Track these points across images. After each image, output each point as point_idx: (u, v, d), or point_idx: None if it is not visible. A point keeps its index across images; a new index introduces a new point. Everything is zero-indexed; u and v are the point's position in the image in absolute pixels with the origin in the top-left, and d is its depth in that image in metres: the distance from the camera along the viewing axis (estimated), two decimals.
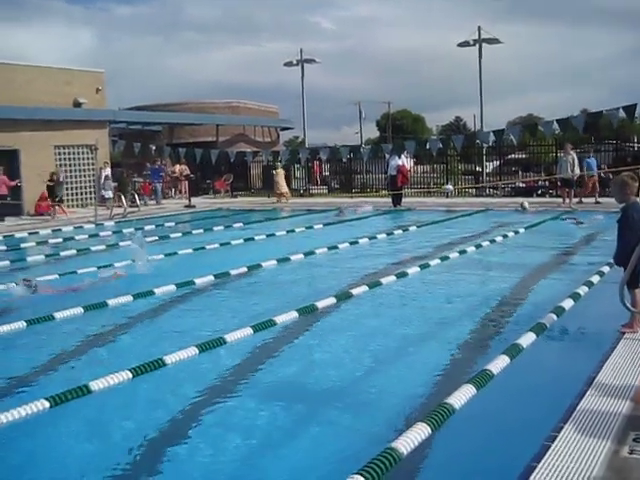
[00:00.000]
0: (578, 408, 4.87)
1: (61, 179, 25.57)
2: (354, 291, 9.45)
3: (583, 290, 8.61)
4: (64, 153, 28.67)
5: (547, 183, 29.11)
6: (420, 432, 4.17)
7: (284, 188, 29.46)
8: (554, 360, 6.90)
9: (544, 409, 5.17)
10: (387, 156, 27.86)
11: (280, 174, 29.48)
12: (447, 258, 12.21)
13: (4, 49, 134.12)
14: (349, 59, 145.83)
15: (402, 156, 26.34)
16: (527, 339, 6.28)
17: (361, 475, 3.60)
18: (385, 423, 5.31)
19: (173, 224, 20.98)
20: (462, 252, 12.89)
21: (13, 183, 25.14)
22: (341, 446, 5.04)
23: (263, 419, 5.52)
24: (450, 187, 29.14)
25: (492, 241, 14.24)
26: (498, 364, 5.51)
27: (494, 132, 27.65)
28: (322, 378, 6.46)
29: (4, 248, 16.79)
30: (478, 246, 13.55)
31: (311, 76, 49.44)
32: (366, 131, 74.42)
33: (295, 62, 41.28)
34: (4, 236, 19.12)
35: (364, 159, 32.84)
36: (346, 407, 5.74)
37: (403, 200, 25.02)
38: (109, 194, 27.51)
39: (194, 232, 18.32)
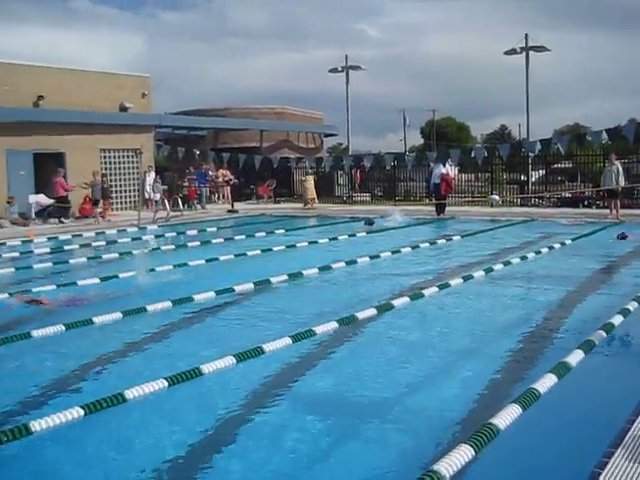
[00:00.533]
0: (630, 433, 4.67)
1: (96, 182, 25.75)
2: (395, 302, 9.29)
3: (633, 306, 8.34)
4: (110, 157, 28.97)
5: (594, 194, 28.59)
6: (463, 454, 4.01)
7: (313, 194, 30.15)
8: (603, 380, 6.66)
9: (593, 433, 4.97)
10: (431, 164, 27.58)
11: (310, 180, 30.31)
12: (491, 270, 11.97)
13: (56, 54, 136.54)
14: (394, 66, 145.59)
15: (446, 165, 26.11)
16: (575, 357, 6.06)
17: None
18: (426, 442, 5.15)
19: (215, 229, 20.99)
20: (506, 263, 12.64)
21: (71, 187, 25.49)
22: (380, 465, 4.89)
23: (300, 433, 5.39)
24: (496, 197, 28.64)
25: (537, 252, 13.96)
26: (545, 383, 5.31)
27: (541, 141, 27.24)
28: (361, 392, 6.31)
29: (48, 250, 16.94)
30: (523, 258, 13.29)
31: (356, 83, 49.46)
32: (410, 138, 74.29)
33: (340, 69, 41.22)
34: (48, 238, 19.31)
35: (408, 167, 32.59)
36: (385, 423, 5.60)
37: (446, 209, 24.80)
38: (157, 197, 27.73)
39: (236, 238, 18.29)
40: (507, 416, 4.60)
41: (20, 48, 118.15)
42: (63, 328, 8.21)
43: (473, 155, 29.41)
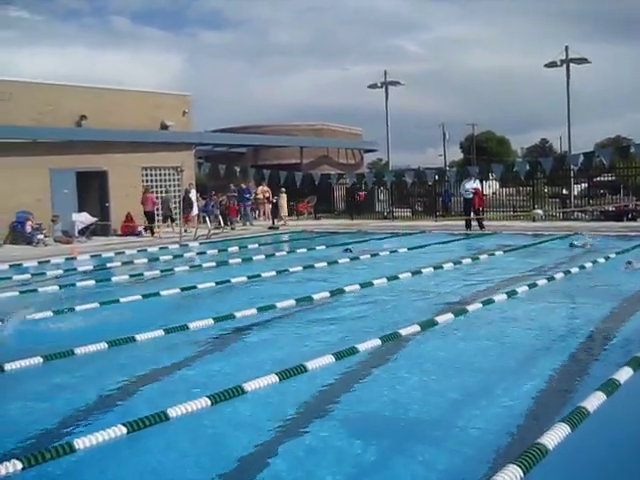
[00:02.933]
0: None
1: (168, 199, 26.45)
2: (439, 319, 9.19)
3: None
4: (151, 174, 29.24)
5: (638, 207, 28.15)
6: (511, 475, 3.91)
7: (285, 212, 31.66)
8: None
9: None
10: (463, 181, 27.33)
11: (283, 198, 31.51)
12: (535, 285, 11.80)
13: (98, 74, 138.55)
14: (433, 81, 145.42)
15: (477, 180, 25.95)
16: (624, 374, 5.91)
17: None
18: (472, 462, 5.05)
19: (256, 245, 21.03)
20: (550, 279, 12.46)
21: (157, 202, 26.53)
22: None
23: (343, 453, 5.31)
24: (540, 212, 28.28)
25: (581, 267, 13.73)
26: (593, 401, 5.18)
27: (584, 154, 26.93)
28: (404, 410, 6.21)
29: (91, 268, 17.11)
30: (567, 272, 13.09)
31: (395, 98, 49.37)
32: (450, 153, 74.01)
33: (379, 84, 41.28)
34: (91, 256, 19.51)
35: (451, 182, 32.39)
36: (430, 443, 5.50)
37: (485, 223, 24.66)
38: (194, 212, 28.02)
39: (277, 254, 18.29)
40: (555, 435, 4.48)
41: (64, 69, 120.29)
42: (105, 346, 8.28)
43: (516, 169, 29.18)
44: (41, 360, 7.72)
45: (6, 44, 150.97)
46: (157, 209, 27.73)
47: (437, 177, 32.66)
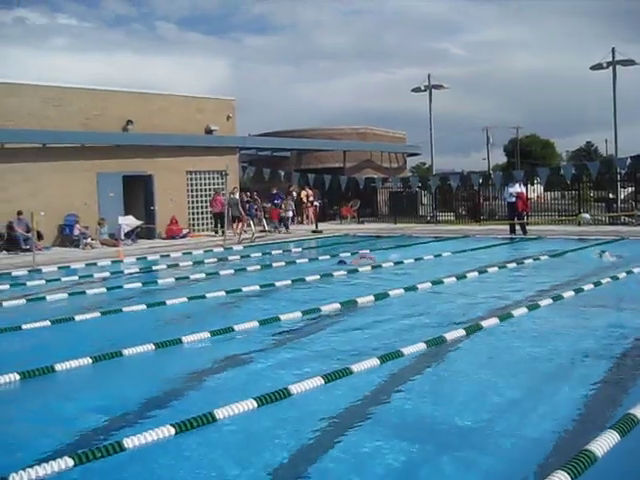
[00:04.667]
0: None
1: (235, 200, 26.95)
2: (484, 323, 9.15)
3: None
4: (196, 178, 29.48)
5: None
6: None
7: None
8: None
9: None
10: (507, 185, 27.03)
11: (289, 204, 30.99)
12: (581, 290, 11.68)
13: (145, 79, 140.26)
14: (477, 84, 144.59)
15: (520, 184, 25.70)
16: None
17: None
18: (520, 469, 5.01)
19: (300, 249, 21.10)
20: (597, 284, 12.31)
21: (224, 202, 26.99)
22: None
23: (387, 457, 5.30)
24: (587, 216, 27.80)
25: (629, 272, 13.54)
26: None
27: (632, 157, 26.55)
28: (449, 414, 6.19)
29: (137, 270, 17.34)
30: (614, 278, 12.92)
31: (439, 102, 49.15)
32: (493, 157, 73.38)
33: (423, 88, 41.16)
34: (137, 258, 19.75)
35: (496, 186, 32.14)
36: (476, 448, 5.46)
37: (528, 227, 24.44)
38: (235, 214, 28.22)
39: (320, 258, 18.33)
40: (604, 442, 4.45)
41: (112, 74, 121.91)
42: (153, 347, 8.40)
43: (562, 173, 28.87)
44: (90, 361, 7.87)
45: (56, 51, 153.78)
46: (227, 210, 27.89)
47: (482, 181, 32.40)
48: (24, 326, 10.04)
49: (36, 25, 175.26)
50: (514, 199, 24.32)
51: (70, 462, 4.92)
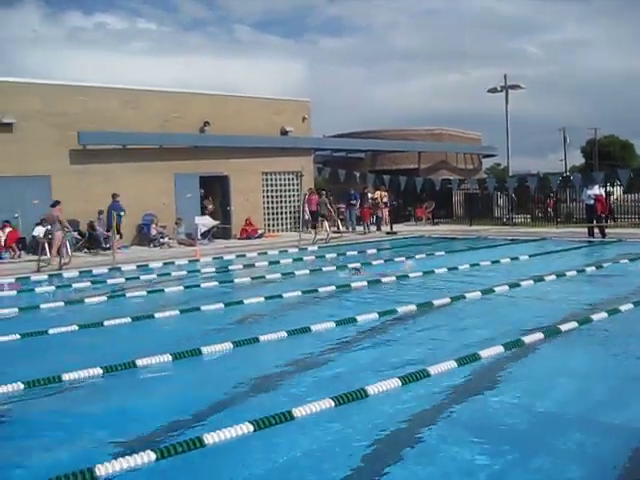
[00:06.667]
0: None
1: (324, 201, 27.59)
2: (563, 327, 8.95)
3: None
4: (271, 179, 29.69)
5: None
6: None
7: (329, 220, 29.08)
8: None
9: None
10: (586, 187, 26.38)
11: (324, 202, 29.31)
12: None
13: (221, 81, 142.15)
14: (555, 84, 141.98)
15: (599, 186, 25.10)
16: None
17: None
18: (605, 470, 4.88)
19: (375, 250, 21.03)
20: None
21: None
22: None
23: (464, 458, 5.21)
24: None
25: None
26: None
27: None
28: (528, 419, 6.05)
29: (213, 269, 17.53)
30: None
31: (515, 102, 48.41)
32: (571, 158, 71.86)
33: (499, 88, 40.56)
34: (213, 258, 19.99)
35: (576, 187, 31.42)
36: (555, 455, 5.32)
37: (607, 231, 23.85)
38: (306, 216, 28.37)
39: (396, 259, 18.24)
40: None
41: (188, 77, 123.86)
42: (231, 345, 8.48)
43: None
44: (170, 358, 7.98)
45: (136, 54, 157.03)
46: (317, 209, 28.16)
47: (560, 182, 31.73)
48: (106, 323, 10.27)
49: (116, 30, 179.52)
50: (592, 201, 23.80)
51: (152, 456, 4.99)
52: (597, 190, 24.26)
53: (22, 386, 7.02)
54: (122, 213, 21.60)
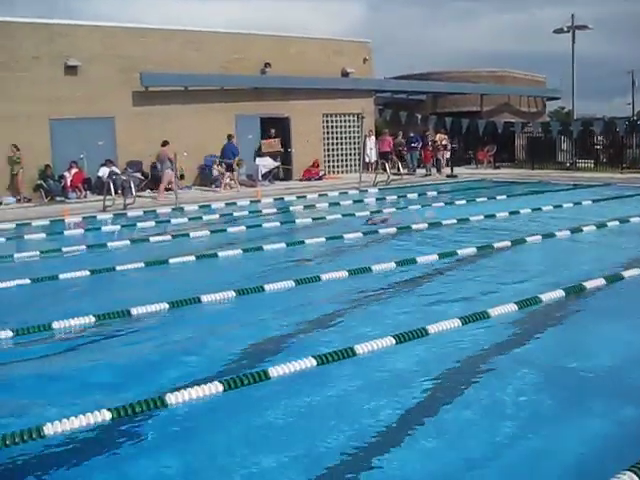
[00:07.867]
0: None
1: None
2: (626, 273, 8.84)
3: None
4: (331, 121, 29.58)
5: None
6: None
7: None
8: None
9: None
10: None
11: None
12: None
13: (280, 22, 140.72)
14: (624, 24, 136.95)
15: None
16: None
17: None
18: None
19: (435, 193, 20.94)
20: None
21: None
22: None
23: (522, 401, 5.24)
24: None
25: None
26: None
27: None
28: (586, 361, 6.06)
29: (274, 210, 17.71)
30: None
31: (582, 43, 47.04)
32: (639, 102, 69.54)
33: (566, 29, 39.43)
34: (274, 199, 20.16)
35: None
36: (614, 398, 5.35)
37: None
38: (373, 159, 28.28)
39: (457, 202, 18.14)
40: None
41: (246, 18, 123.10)
42: (293, 284, 8.64)
43: None
44: (234, 294, 8.18)
45: None
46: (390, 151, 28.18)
47: (627, 127, 30.90)
48: (171, 260, 10.52)
49: None
50: None
51: (220, 387, 5.18)
52: None
53: (93, 319, 7.30)
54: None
